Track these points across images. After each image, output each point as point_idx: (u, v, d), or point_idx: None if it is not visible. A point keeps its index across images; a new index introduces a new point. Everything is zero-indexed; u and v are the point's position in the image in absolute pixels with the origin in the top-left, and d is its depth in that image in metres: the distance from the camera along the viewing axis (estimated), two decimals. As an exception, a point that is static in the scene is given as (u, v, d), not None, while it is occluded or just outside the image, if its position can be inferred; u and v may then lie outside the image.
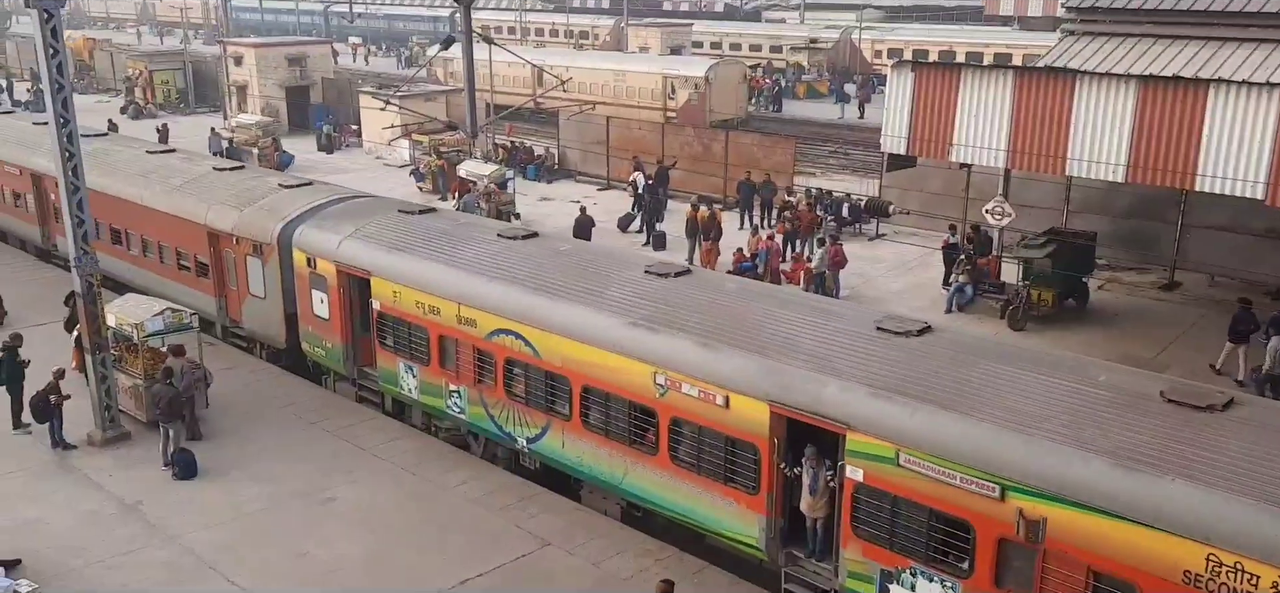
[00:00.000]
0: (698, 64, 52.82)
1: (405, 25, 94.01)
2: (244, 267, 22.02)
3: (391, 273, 18.60)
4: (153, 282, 24.45)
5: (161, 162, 26.73)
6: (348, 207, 21.55)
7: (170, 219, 23.83)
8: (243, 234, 21.86)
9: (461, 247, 18.60)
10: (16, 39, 77.09)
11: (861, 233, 32.41)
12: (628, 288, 16.28)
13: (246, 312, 22.51)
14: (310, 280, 20.28)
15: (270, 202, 22.27)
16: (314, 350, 20.93)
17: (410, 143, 41.72)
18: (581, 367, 15.69)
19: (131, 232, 25.41)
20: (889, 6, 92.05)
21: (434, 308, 17.78)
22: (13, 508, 16.43)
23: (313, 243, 20.22)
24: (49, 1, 17.12)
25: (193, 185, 24.30)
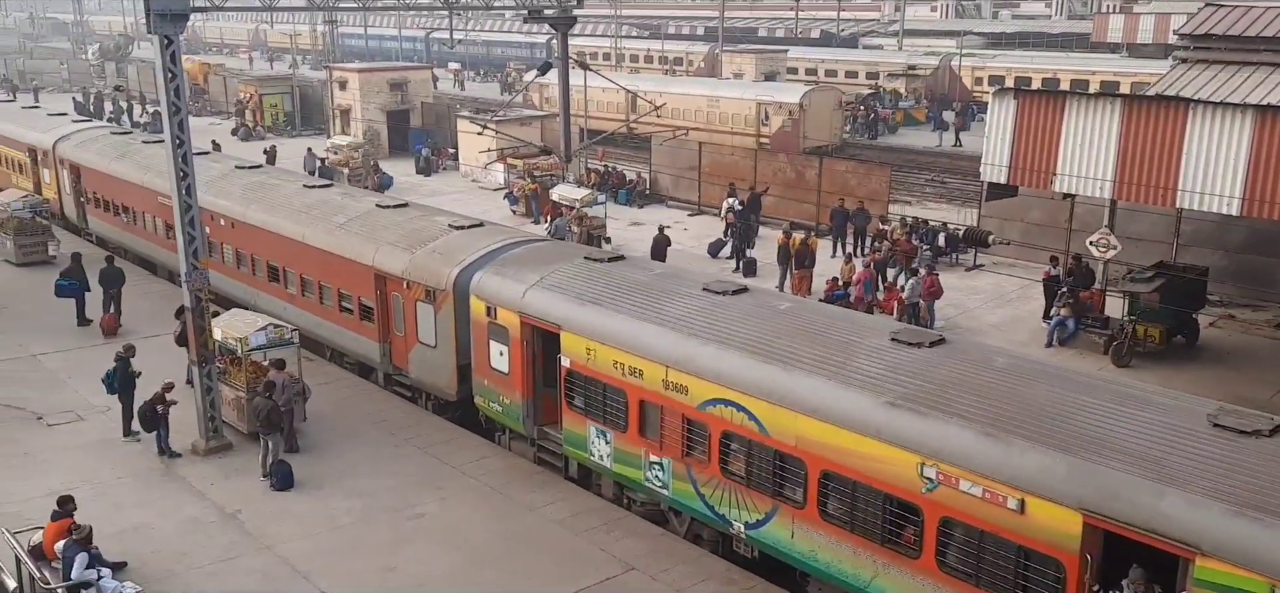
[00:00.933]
0: (792, 90, 52.55)
1: (503, 51, 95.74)
2: (413, 312, 20.72)
3: (586, 328, 16.92)
4: (310, 322, 23.56)
5: (322, 198, 25.65)
6: (527, 252, 20.02)
7: (333, 259, 22.82)
8: (414, 278, 20.61)
9: (666, 302, 16.87)
10: (137, 63, 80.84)
11: (958, 263, 31.73)
12: (876, 358, 14.27)
13: (414, 360, 21.15)
14: (489, 331, 18.82)
15: (443, 244, 21.03)
16: (489, 405, 19.46)
17: (505, 166, 42.38)
18: (821, 449, 13.68)
19: (290, 269, 24.41)
20: (990, 33, 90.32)
21: (636, 370, 16.03)
22: (121, 513, 17.07)
23: (493, 291, 18.77)
24: (169, 28, 17.88)
25: (358, 224, 23.15)
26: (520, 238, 21.54)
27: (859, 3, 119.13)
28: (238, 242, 26.18)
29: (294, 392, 19.32)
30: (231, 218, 26.25)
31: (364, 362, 22.67)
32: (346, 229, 23.05)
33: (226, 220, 26.45)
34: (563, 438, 17.97)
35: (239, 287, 26.16)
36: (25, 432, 20.23)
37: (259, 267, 25.31)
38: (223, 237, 26.70)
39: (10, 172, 39.63)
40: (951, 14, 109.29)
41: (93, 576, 14.11)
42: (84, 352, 24.39)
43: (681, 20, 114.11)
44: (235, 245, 26.35)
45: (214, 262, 26.01)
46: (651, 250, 30.25)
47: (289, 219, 24.57)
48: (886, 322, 19.80)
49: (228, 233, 26.54)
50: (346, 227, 23.16)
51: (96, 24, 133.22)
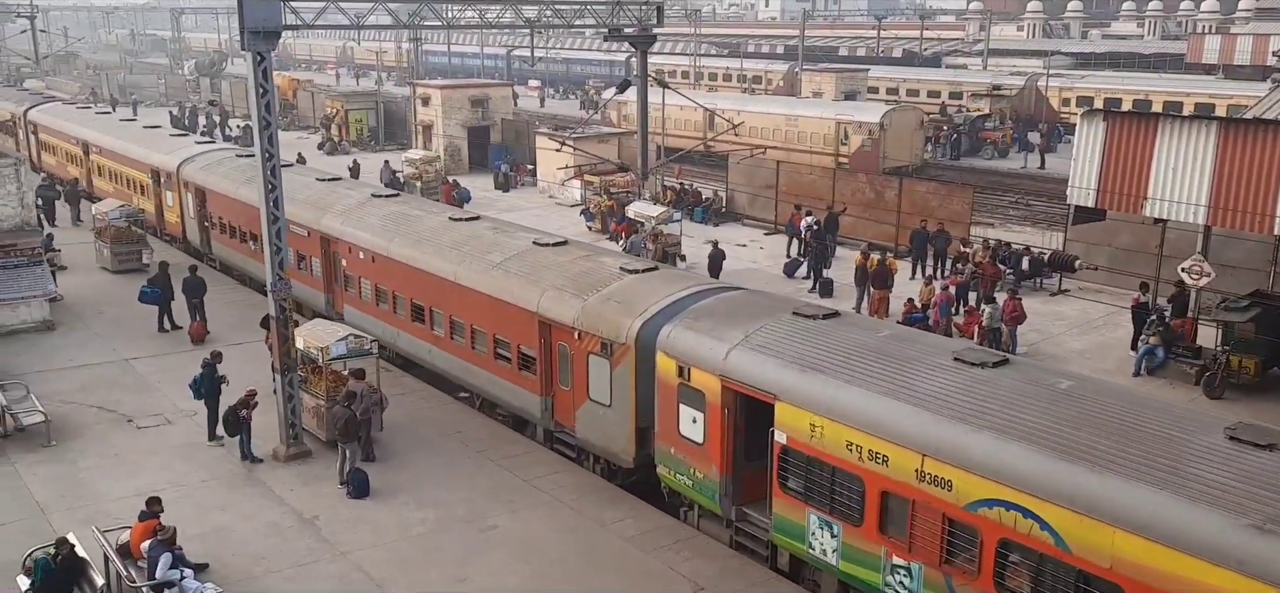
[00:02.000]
0: (872, 110, 51.98)
1: (583, 69, 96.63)
2: (585, 366, 18.55)
3: (809, 399, 14.57)
4: (458, 367, 22.18)
5: (472, 232, 23.67)
6: (721, 304, 17.63)
7: (489, 301, 20.85)
8: (588, 329, 18.39)
9: (912, 373, 14.34)
10: (231, 79, 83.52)
11: (1042, 288, 30.96)
12: (1217, 461, 11.58)
13: (582, 419, 18.97)
14: (679, 394, 16.56)
15: (619, 291, 18.91)
16: (674, 477, 17.15)
17: (582, 183, 42.68)
18: (1154, 577, 11.04)
19: (438, 310, 22.56)
20: (1078, 53, 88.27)
21: (878, 455, 13.64)
22: (205, 515, 17.54)
23: (687, 348, 16.47)
24: (262, 45, 18.42)
25: (518, 263, 21.24)
26: (705, 285, 19.42)
27: (943, 22, 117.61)
28: (378, 276, 24.57)
29: (372, 401, 19.65)
30: (371, 251, 24.70)
31: (519, 414, 20.85)
32: (505, 269, 21.08)
33: (366, 253, 24.91)
34: (772, 523, 15.55)
35: (377, 324, 24.37)
36: (117, 433, 20.94)
37: (401, 304, 23.69)
38: (361, 270, 25.25)
39: (131, 192, 38.74)
40: (1039, 34, 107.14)
41: (176, 576, 14.49)
42: (173, 357, 25.17)
43: (761, 39, 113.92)
44: (375, 280, 24.73)
45: (350, 296, 25.66)
46: (708, 266, 30.44)
47: (437, 255, 22.75)
48: (1214, 415, 16.74)
49: (366, 267, 24.99)
50: (505, 266, 21.19)
51: (193, 41, 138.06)
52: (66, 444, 20.31)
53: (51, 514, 17.52)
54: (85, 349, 25.88)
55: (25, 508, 17.85)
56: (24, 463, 19.51)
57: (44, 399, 21.44)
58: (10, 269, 26.47)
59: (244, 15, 18.16)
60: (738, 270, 32.60)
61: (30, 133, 50.98)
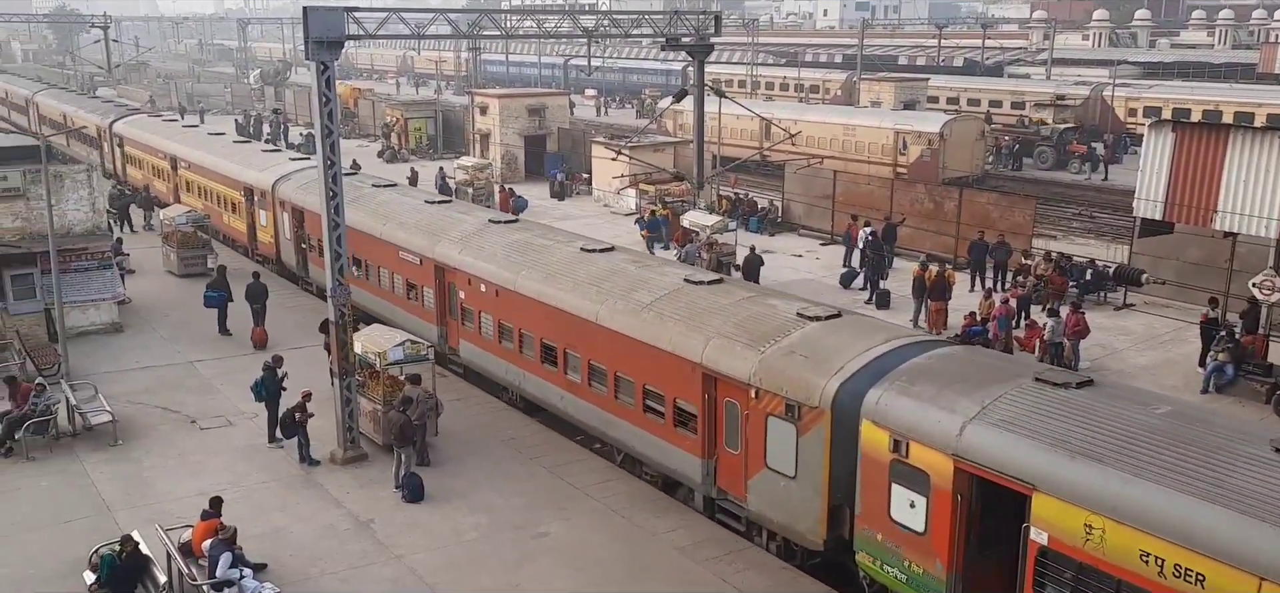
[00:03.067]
0: (932, 119, 51.35)
1: (639, 78, 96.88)
2: (762, 429, 16.12)
3: (1083, 494, 12.10)
4: (596, 418, 19.90)
5: (611, 265, 21.29)
6: (941, 363, 15.16)
7: (638, 347, 18.52)
8: (768, 387, 15.97)
9: (1226, 466, 11.74)
10: (294, 87, 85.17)
11: (1106, 302, 30.30)
12: None
13: (757, 489, 16.47)
14: (892, 472, 14.20)
15: (803, 342, 16.36)
16: (881, 569, 14.75)
17: (637, 192, 42.74)
18: None
19: (573, 352, 20.33)
20: (1146, 62, 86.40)
21: (1191, 573, 11.10)
22: (265, 516, 17.85)
23: (904, 419, 14.05)
24: (325, 55, 18.76)
25: (671, 304, 18.77)
26: (906, 338, 16.59)
27: (1005, 31, 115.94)
28: (502, 312, 22.42)
29: (427, 406, 19.84)
30: (495, 283, 22.55)
31: (671, 476, 18.43)
32: (657, 311, 18.72)
33: (488, 285, 22.82)
34: None
35: (499, 364, 22.69)
36: (180, 434, 21.41)
37: (529, 344, 21.59)
38: (482, 304, 23.20)
39: (222, 210, 37.48)
40: (1105, 42, 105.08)
41: (235, 575, 14.78)
42: (236, 359, 25.68)
43: (819, 48, 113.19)
44: (497, 316, 22.61)
45: (468, 331, 23.83)
46: (744, 271, 30.48)
47: (574, 291, 20.49)
48: None
49: (488, 301, 22.91)
50: (656, 308, 18.83)
51: (258, 50, 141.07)
52: (132, 444, 20.82)
53: (117, 512, 17.97)
54: (151, 351, 26.53)
55: (93, 505, 18.33)
56: (92, 461, 20.04)
57: (111, 399, 22.00)
58: (81, 272, 27.19)
59: (308, 25, 18.51)
60: (793, 281, 32.42)
61: (115, 145, 50.30)
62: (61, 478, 19.40)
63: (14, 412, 20.50)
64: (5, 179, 26.23)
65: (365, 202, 28.78)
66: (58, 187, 26.37)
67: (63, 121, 56.66)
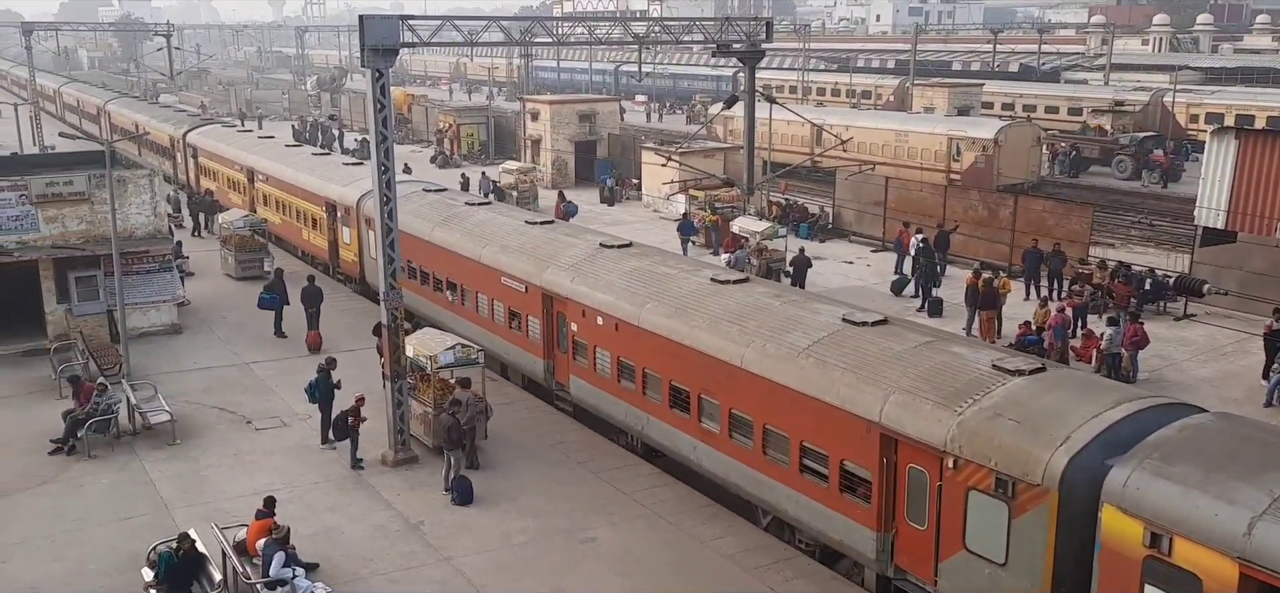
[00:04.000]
0: (986, 125, 50.69)
1: (690, 84, 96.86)
2: (961, 506, 13.88)
3: None
4: (737, 474, 17.71)
5: (751, 300, 18.95)
6: (1200, 435, 12.76)
7: (794, 398, 16.32)
8: (970, 457, 13.64)
9: None
10: (349, 94, 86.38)
11: (1166, 312, 29.65)
12: None
13: (951, 574, 14.26)
14: (1146, 572, 11.86)
15: (1014, 403, 13.93)
16: None
17: (686, 198, 42.71)
18: None
19: (711, 399, 18.13)
20: (1208, 68, 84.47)
21: None
22: (317, 516, 18.10)
23: (1164, 507, 11.74)
24: (380, 62, 19.02)
25: (834, 350, 16.44)
26: (1145, 399, 14.00)
27: (1062, 35, 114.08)
28: (622, 348, 20.38)
29: (477, 410, 19.99)
30: (614, 317, 20.52)
31: (834, 547, 16.21)
32: (817, 357, 16.43)
33: (605, 318, 20.77)
34: None
35: (618, 405, 20.67)
36: (236, 434, 21.81)
37: (654, 386, 19.57)
38: (598, 339, 21.13)
39: (301, 226, 36.16)
40: (1165, 47, 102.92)
41: (288, 574, 15.00)
42: (290, 362, 26.10)
43: (871, 53, 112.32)
44: (616, 352, 20.52)
45: (580, 367, 21.82)
46: (793, 276, 30.87)
47: (710, 329, 18.33)
48: None
49: (606, 335, 20.83)
50: (817, 353, 16.51)
51: (315, 57, 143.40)
52: (190, 443, 21.25)
53: (175, 510, 18.34)
54: (209, 352, 27.06)
55: (151, 503, 18.73)
56: (151, 460, 20.48)
57: (170, 399, 22.47)
58: (143, 275, 27.83)
59: (364, 33, 18.79)
60: (844, 288, 32.18)
61: (189, 156, 49.44)
62: (122, 476, 19.85)
63: (77, 411, 21.02)
64: (71, 183, 26.94)
65: (460, 221, 27.20)
66: (121, 191, 27.01)
67: (135, 130, 56.98)
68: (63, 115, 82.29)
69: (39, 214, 26.58)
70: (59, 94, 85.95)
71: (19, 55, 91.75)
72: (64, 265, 27.06)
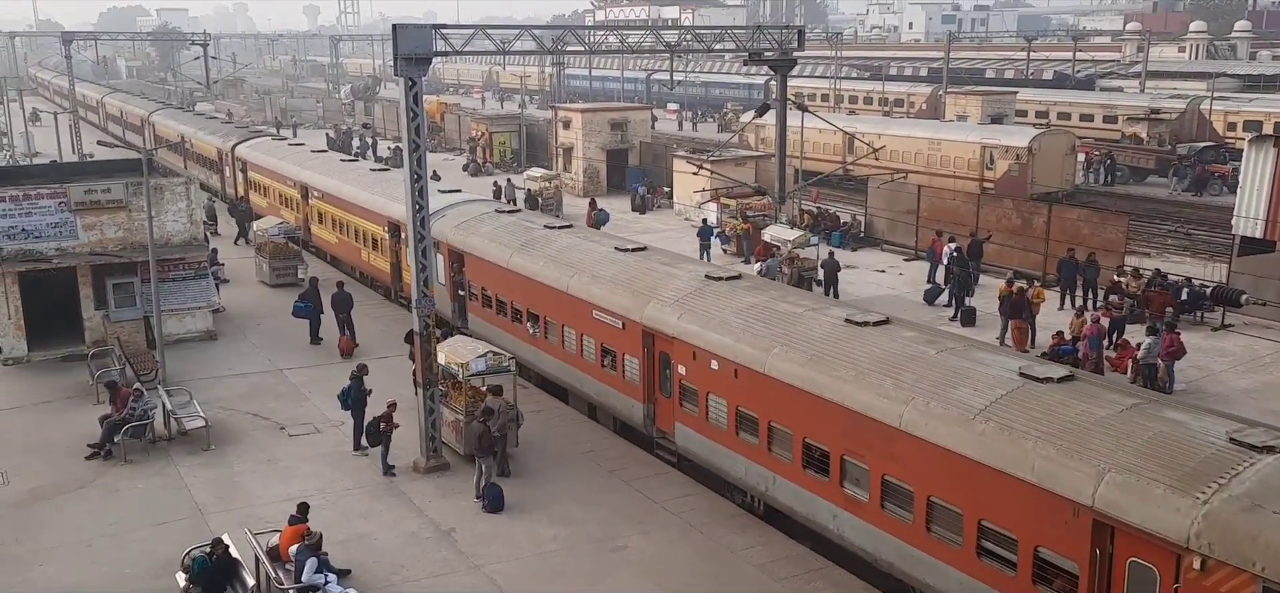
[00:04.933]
0: (1020, 133, 50.26)
1: (722, 92, 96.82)
2: None
3: None
4: (896, 552, 15.27)
5: (899, 347, 16.49)
6: None
7: (974, 470, 13.85)
8: (1225, 558, 11.18)
9: None
10: (383, 102, 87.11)
11: (1203, 322, 29.22)
12: None
13: None
14: None
15: (1270, 487, 11.56)
16: None
17: (718, 206, 42.65)
18: None
19: (857, 462, 15.67)
20: (1246, 75, 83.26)
21: None
22: (349, 522, 18.21)
23: None
24: (413, 71, 19.16)
25: (1021, 413, 13.98)
26: None
27: (1097, 43, 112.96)
28: (742, 397, 17.93)
29: (508, 417, 20.05)
30: (733, 361, 18.04)
31: None
32: (1000, 421, 13.97)
33: (722, 362, 18.28)
34: None
35: (739, 462, 18.14)
36: (270, 440, 22.00)
37: (783, 441, 17.13)
38: (712, 384, 18.61)
39: (360, 246, 34.26)
40: (1202, 54, 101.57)
41: (320, 580, 15.09)
42: (323, 368, 26.30)
43: (904, 61, 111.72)
44: (734, 401, 18.10)
45: (687, 414, 19.37)
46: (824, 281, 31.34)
47: (858, 383, 15.81)
48: None
49: (722, 381, 18.37)
50: (997, 416, 14.07)
51: (350, 66, 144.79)
52: (224, 449, 21.45)
53: (209, 515, 18.53)
54: (244, 359, 27.34)
55: (186, 508, 18.94)
56: (186, 466, 20.71)
57: (206, 406, 22.71)
58: (179, 281, 28.18)
59: (397, 42, 18.93)
60: (876, 297, 32.00)
61: (238, 170, 47.53)
62: (158, 480, 20.09)
63: (114, 416, 21.30)
64: (109, 191, 27.33)
65: (542, 247, 24.96)
66: (158, 198, 27.39)
67: (181, 142, 56.12)
68: (106, 126, 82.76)
69: (78, 221, 26.99)
70: (102, 104, 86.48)
71: (60, 64, 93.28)
72: (102, 272, 27.45)
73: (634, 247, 24.35)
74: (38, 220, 26.65)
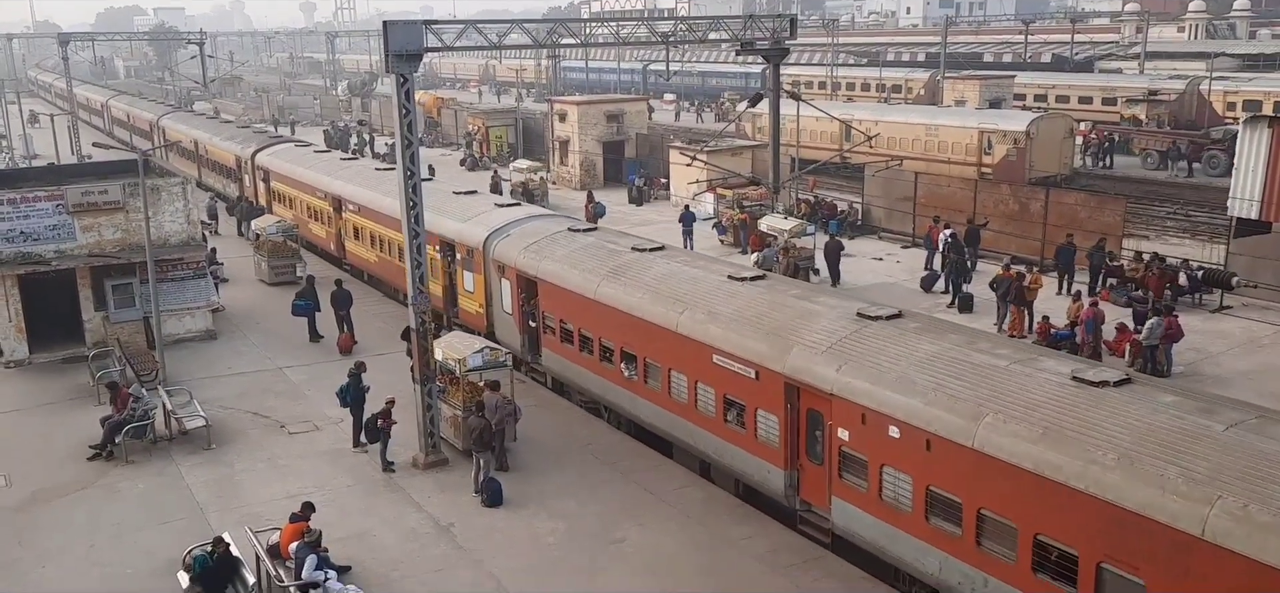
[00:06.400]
0: (1018, 118, 50.22)
1: (718, 81, 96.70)
2: None
3: None
4: None
5: (1159, 416, 13.03)
6: None
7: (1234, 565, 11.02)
8: None
9: None
10: (379, 98, 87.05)
11: (1202, 305, 29.24)
12: None
13: None
14: None
15: None
16: None
17: (714, 196, 42.66)
18: None
19: (1120, 570, 12.23)
20: (1245, 54, 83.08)
21: None
22: (348, 519, 18.28)
23: None
24: (405, 67, 19.19)
25: (1174, 451, 12.15)
26: None
27: (1096, 25, 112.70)
28: (937, 475, 14.43)
29: (506, 412, 20.10)
30: (924, 430, 14.43)
31: None
32: (1153, 461, 12.12)
33: (904, 429, 14.73)
34: None
35: (927, 552, 14.77)
36: (270, 439, 22.07)
37: (1002, 536, 13.70)
38: (890, 455, 15.10)
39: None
40: (1202, 34, 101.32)
41: (320, 577, 15.18)
42: (322, 366, 26.37)
43: (902, 46, 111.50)
44: (925, 479, 14.58)
45: (853, 488, 15.83)
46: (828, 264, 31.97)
47: (1134, 475, 12.15)
48: None
49: (903, 451, 14.85)
50: (1149, 453, 12.27)
51: (346, 62, 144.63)
52: (225, 448, 21.53)
53: (210, 514, 18.61)
54: (243, 358, 27.42)
55: (187, 507, 19.02)
56: (187, 465, 20.79)
57: (205, 405, 22.79)
58: (177, 281, 28.24)
59: (388, 39, 18.95)
60: (873, 285, 32.03)
61: (259, 179, 44.36)
62: (158, 480, 20.17)
63: (114, 416, 21.37)
64: (106, 193, 27.37)
65: (635, 274, 21.49)
66: (155, 199, 27.42)
67: (194, 149, 53.50)
68: (111, 131, 78.99)
69: (76, 223, 27.04)
70: (107, 108, 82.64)
71: (59, 66, 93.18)
72: (101, 273, 27.51)
73: (753, 275, 20.89)
74: (36, 223, 26.69)
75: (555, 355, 23.78)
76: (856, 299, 19.48)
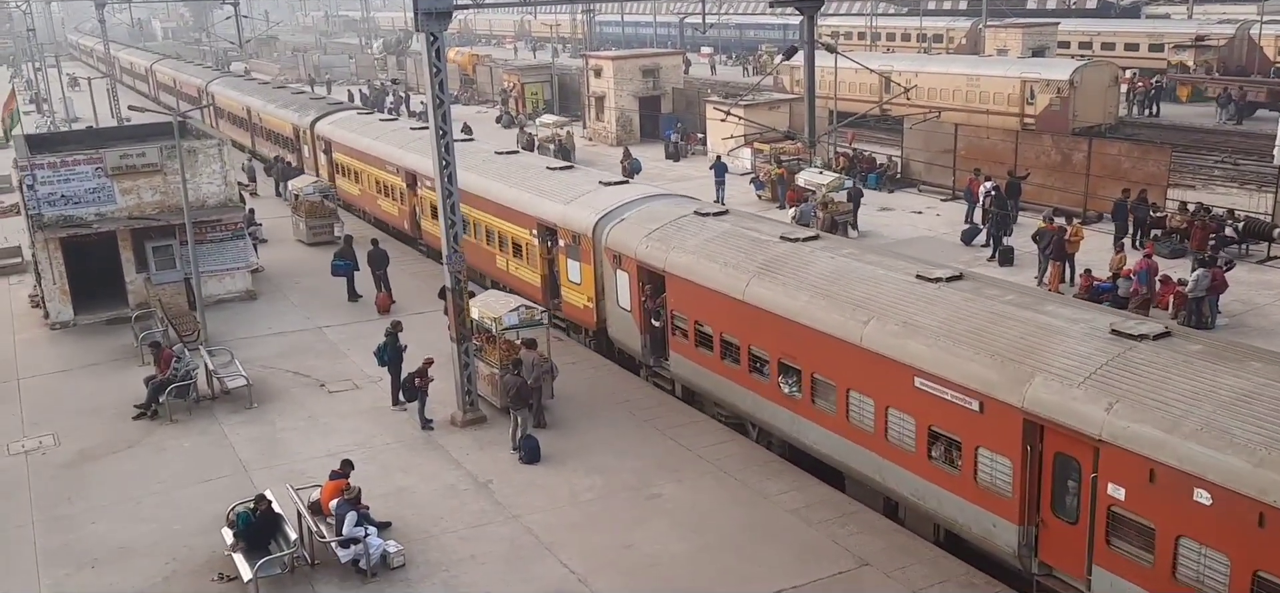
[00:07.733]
0: (1061, 66, 49.18)
1: (755, 34, 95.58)
2: None
3: None
4: None
5: None
6: None
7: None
8: None
9: None
10: (415, 56, 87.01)
11: (1248, 255, 28.61)
12: None
13: None
14: None
15: None
16: None
17: (752, 151, 42.29)
18: None
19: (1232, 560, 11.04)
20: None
21: None
22: (389, 477, 18.50)
23: None
24: (434, 26, 19.10)
25: None
26: None
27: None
28: (1184, 523, 11.81)
29: (542, 370, 20.16)
30: (1266, 504, 10.88)
31: None
32: None
33: (1234, 499, 11.24)
34: None
35: None
36: (311, 397, 22.34)
37: (1204, 569, 11.69)
38: (1201, 530, 11.70)
39: (494, 251, 27.53)
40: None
41: (361, 533, 15.38)
42: (361, 325, 26.60)
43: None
44: (1252, 564, 11.25)
45: (1133, 562, 12.48)
46: None
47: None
48: None
49: (1229, 530, 11.41)
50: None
51: (381, 21, 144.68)
52: (266, 406, 21.83)
53: (253, 472, 18.91)
54: (283, 318, 27.72)
55: (231, 465, 19.34)
56: (229, 424, 21.11)
57: (247, 364, 23.08)
58: (217, 243, 28.55)
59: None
60: (914, 239, 31.66)
61: (321, 150, 41.74)
62: (202, 439, 20.51)
63: (158, 376, 21.73)
64: (144, 155, 27.66)
65: (794, 270, 18.29)
66: (192, 161, 27.67)
67: (247, 116, 52.03)
68: (157, 97, 76.51)
69: (115, 186, 27.36)
70: (151, 73, 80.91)
71: (97, 28, 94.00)
72: (142, 235, 27.88)
73: (950, 274, 16.73)
74: (76, 186, 27.06)
75: (687, 361, 20.67)
76: (1096, 311, 15.87)
